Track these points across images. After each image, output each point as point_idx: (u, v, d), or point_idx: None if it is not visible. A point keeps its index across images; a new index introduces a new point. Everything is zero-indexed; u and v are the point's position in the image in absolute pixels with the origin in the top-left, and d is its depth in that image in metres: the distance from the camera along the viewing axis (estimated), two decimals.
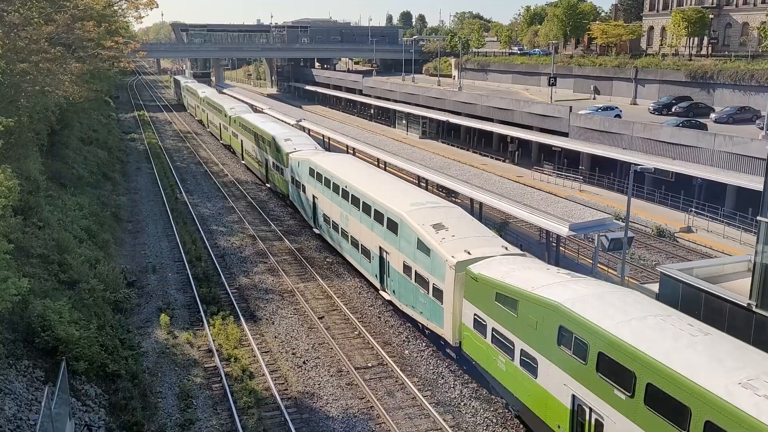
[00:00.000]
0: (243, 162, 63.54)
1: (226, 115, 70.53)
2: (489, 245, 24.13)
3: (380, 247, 29.01)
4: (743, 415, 12.60)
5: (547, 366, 17.92)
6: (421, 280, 24.95)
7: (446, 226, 25.31)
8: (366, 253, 30.93)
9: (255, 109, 77.34)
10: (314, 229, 39.81)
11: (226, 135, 72.27)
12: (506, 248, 24.05)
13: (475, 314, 21.64)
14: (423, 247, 24.73)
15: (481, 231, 25.91)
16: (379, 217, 29.05)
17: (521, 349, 19.14)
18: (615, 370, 15.48)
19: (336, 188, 34.51)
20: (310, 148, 45.01)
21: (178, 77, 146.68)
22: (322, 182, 36.87)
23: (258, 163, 55.52)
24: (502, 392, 21.02)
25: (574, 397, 16.96)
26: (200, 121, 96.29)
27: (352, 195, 32.32)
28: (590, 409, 16.38)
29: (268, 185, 53.12)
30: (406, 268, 26.18)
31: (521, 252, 24.57)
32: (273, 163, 48.79)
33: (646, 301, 18.37)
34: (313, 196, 38.49)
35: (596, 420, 16.22)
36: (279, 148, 46.22)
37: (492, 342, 20.72)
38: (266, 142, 50.44)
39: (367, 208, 30.47)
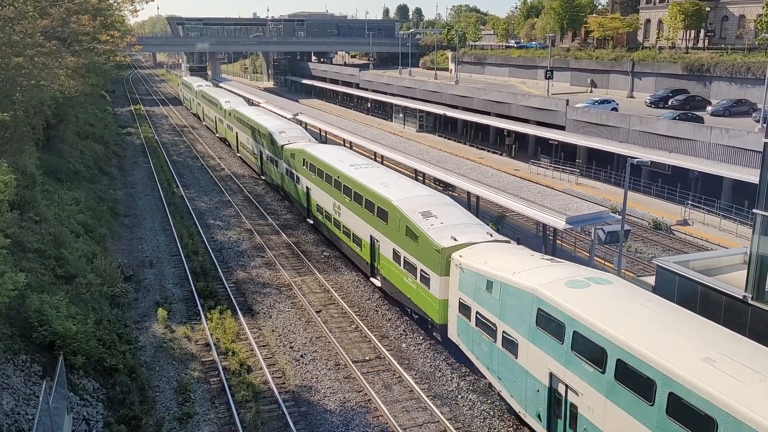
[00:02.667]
0: (310, 221, 40.95)
1: (273, 142, 47.97)
2: None
3: None
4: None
5: None
6: None
7: None
8: None
9: (323, 139, 57.93)
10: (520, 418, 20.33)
11: (276, 173, 48.21)
12: None
13: None
14: None
15: None
16: None
17: None
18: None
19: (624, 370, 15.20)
20: (479, 235, 24.67)
21: (186, 79, 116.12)
22: (546, 328, 17.76)
23: (345, 234, 34.06)
24: None
25: None
26: (223, 140, 74.21)
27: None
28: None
29: (375, 281, 30.77)
30: None
31: None
32: (396, 252, 27.57)
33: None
34: (520, 350, 19.10)
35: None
36: (411, 227, 25.91)
37: None
38: (373, 207, 29.82)
39: None
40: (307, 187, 40.27)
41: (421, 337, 26.77)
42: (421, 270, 25.26)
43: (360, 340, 26.69)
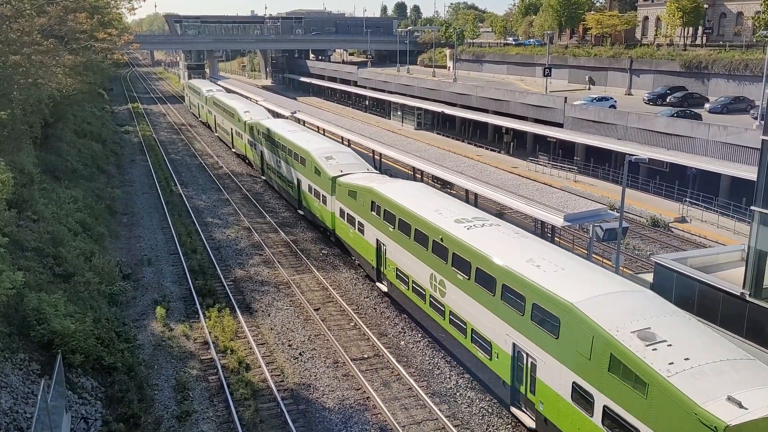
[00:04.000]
0: (383, 286, 29.99)
1: (318, 171, 37.30)
2: None
3: None
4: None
5: None
6: None
7: None
8: None
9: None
10: None
11: (324, 212, 36.84)
12: None
13: None
14: None
15: None
16: None
17: None
18: None
19: None
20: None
21: (194, 83, 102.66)
22: None
23: (455, 326, 23.17)
24: None
25: None
26: (242, 157, 62.40)
27: None
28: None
29: (528, 420, 19.55)
30: None
31: None
32: (588, 395, 16.34)
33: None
34: None
35: None
36: (634, 366, 14.83)
37: None
38: (520, 302, 19.25)
39: None
40: (378, 242, 29.24)
41: (419, 335, 26.78)
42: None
43: (358, 338, 26.70)
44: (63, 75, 38.02)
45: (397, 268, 27.50)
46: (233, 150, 67.26)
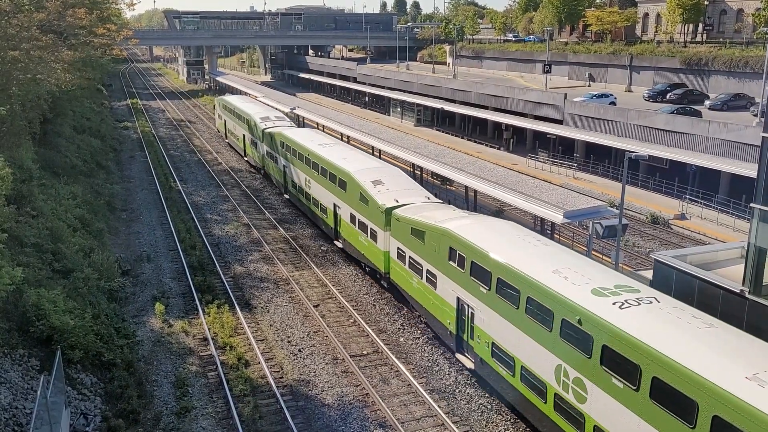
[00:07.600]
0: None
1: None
2: None
3: None
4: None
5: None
6: None
7: None
8: None
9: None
10: None
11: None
12: None
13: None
14: None
15: None
16: None
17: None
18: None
19: None
20: None
21: (234, 102, 64.20)
22: None
23: None
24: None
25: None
26: (360, 264, 33.00)
27: None
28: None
29: None
30: None
31: None
32: None
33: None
34: None
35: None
36: None
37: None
38: None
39: None
40: None
41: (419, 332, 26.79)
42: None
43: (358, 334, 26.71)
44: (62, 71, 37.95)
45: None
46: (337, 243, 35.73)
